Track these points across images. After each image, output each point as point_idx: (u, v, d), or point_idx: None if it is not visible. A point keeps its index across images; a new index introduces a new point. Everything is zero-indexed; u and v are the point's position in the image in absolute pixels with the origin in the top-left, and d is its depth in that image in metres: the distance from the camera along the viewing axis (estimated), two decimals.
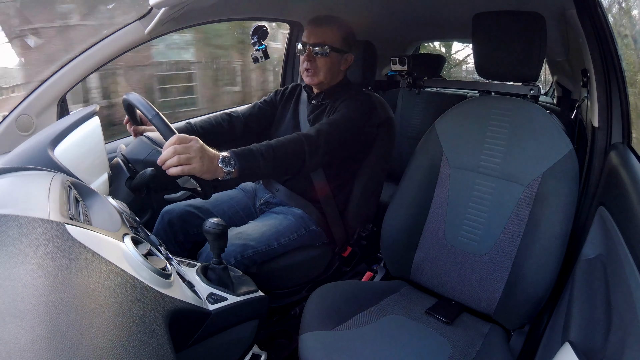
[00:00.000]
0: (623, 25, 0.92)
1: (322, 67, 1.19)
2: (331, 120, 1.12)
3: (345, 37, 1.21)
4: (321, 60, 1.19)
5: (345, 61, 1.24)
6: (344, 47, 1.21)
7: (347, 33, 1.22)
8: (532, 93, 1.04)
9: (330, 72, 1.21)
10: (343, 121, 1.13)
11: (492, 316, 1.01)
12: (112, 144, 1.33)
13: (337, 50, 1.19)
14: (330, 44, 1.17)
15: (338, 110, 1.18)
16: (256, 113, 1.37)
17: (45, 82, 1.11)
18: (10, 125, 1.07)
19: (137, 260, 0.54)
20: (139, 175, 0.90)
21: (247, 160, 0.91)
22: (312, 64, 1.19)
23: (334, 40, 1.18)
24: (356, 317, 0.97)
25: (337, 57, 1.21)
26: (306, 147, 1.01)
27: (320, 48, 1.17)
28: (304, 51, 1.20)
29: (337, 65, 1.22)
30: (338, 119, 1.13)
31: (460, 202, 1.06)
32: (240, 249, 1.08)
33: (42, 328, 0.33)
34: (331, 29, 1.18)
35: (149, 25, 1.16)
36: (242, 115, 1.34)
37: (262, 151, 0.94)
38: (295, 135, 1.04)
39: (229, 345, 0.77)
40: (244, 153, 0.91)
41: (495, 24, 1.00)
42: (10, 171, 0.68)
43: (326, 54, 1.17)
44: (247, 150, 0.93)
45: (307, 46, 1.18)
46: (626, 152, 0.83)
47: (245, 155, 0.91)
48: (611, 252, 0.65)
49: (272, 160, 0.95)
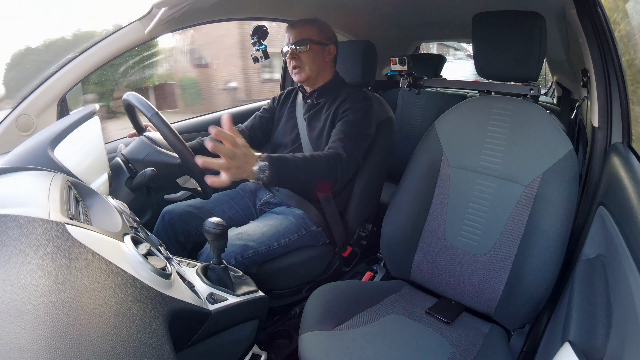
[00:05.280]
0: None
1: (306, 60, 1.24)
2: (348, 134, 1.13)
3: (322, 30, 1.27)
4: (304, 55, 1.24)
5: (328, 53, 1.28)
6: (323, 40, 1.26)
7: (323, 27, 1.28)
8: (532, 93, 1.04)
9: (315, 64, 1.25)
10: (357, 130, 1.16)
11: (492, 316, 1.01)
12: (112, 144, 1.33)
13: (317, 42, 1.24)
14: (309, 38, 1.23)
15: (343, 115, 1.19)
16: (258, 123, 1.41)
17: (45, 82, 1.11)
18: (10, 125, 1.07)
19: (137, 260, 0.54)
20: (139, 175, 0.91)
21: (281, 170, 0.90)
22: (297, 61, 1.24)
23: (312, 35, 1.24)
24: (356, 317, 0.97)
25: (319, 49, 1.25)
26: (339, 166, 1.05)
27: (301, 44, 1.23)
28: (288, 52, 1.25)
29: (320, 57, 1.26)
30: (353, 131, 1.15)
31: (460, 202, 1.06)
32: (241, 249, 1.08)
33: (42, 328, 0.33)
34: (308, 26, 1.25)
35: (149, 25, 1.16)
36: (246, 128, 1.40)
37: (297, 163, 0.95)
38: (329, 153, 1.06)
39: (229, 345, 0.77)
40: (280, 161, 0.90)
41: (495, 24, 1.00)
42: (10, 171, 0.68)
43: (307, 48, 1.23)
44: (283, 159, 0.92)
45: (289, 46, 1.24)
46: (626, 152, 0.83)
47: (280, 164, 0.90)
48: (611, 252, 0.65)
49: (305, 173, 0.96)
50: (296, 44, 1.23)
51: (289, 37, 1.26)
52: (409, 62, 1.39)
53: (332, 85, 1.29)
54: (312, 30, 1.24)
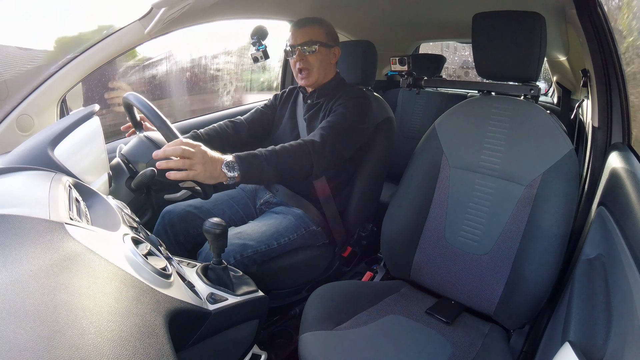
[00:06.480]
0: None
1: (315, 63, 1.22)
2: (331, 123, 1.12)
3: (328, 32, 1.25)
4: (312, 57, 1.22)
5: (334, 55, 1.27)
6: (330, 42, 1.25)
7: (329, 28, 1.27)
8: (532, 93, 1.04)
9: (323, 67, 1.24)
10: (343, 121, 1.13)
11: (492, 316, 1.01)
12: (112, 144, 1.33)
13: (324, 45, 1.23)
14: (317, 40, 1.21)
15: (334, 110, 1.18)
16: (259, 118, 1.40)
17: (45, 82, 1.10)
18: (10, 125, 1.07)
19: (137, 260, 0.54)
20: (139, 175, 0.90)
21: (251, 164, 0.91)
22: (304, 63, 1.22)
23: (319, 36, 1.22)
24: (356, 317, 0.97)
25: (327, 52, 1.24)
26: (312, 153, 1.02)
27: (310, 46, 1.20)
28: (293, 53, 1.23)
29: (327, 59, 1.25)
30: (338, 120, 1.13)
31: (460, 202, 1.06)
32: (240, 248, 1.08)
33: (42, 328, 0.33)
34: (314, 27, 1.23)
35: (149, 25, 1.16)
36: (246, 121, 1.38)
37: (266, 156, 0.94)
38: (301, 141, 1.04)
39: (229, 345, 0.77)
40: (247, 157, 0.91)
41: (495, 24, 1.00)
42: (11, 171, 0.67)
43: (316, 50, 1.21)
44: (251, 155, 0.93)
45: (295, 47, 1.21)
46: (626, 152, 0.83)
47: (249, 160, 0.91)
48: (611, 252, 0.65)
49: (276, 165, 0.95)
50: (304, 45, 1.21)
51: (294, 37, 1.22)
52: (409, 62, 1.39)
53: (332, 85, 1.29)
54: (320, 31, 1.23)
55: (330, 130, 1.09)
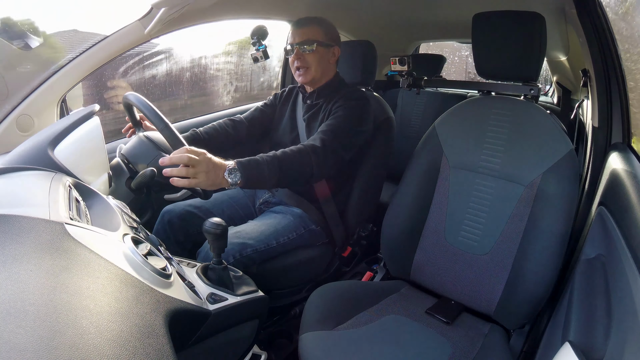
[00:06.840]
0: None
1: (312, 62, 1.23)
2: (332, 127, 1.12)
3: (327, 31, 1.26)
4: (310, 56, 1.22)
5: (333, 54, 1.27)
6: (329, 41, 1.25)
7: (329, 28, 1.27)
8: (532, 93, 1.04)
9: (320, 66, 1.24)
10: (343, 124, 1.14)
11: (492, 316, 1.01)
12: (112, 144, 1.33)
13: (323, 44, 1.23)
14: (315, 39, 1.22)
15: (334, 112, 1.18)
16: (259, 116, 1.40)
17: (45, 82, 1.10)
18: (10, 125, 1.07)
19: (137, 260, 0.54)
20: (139, 175, 0.90)
21: (252, 171, 0.92)
22: (302, 62, 1.23)
23: (318, 36, 1.23)
24: (356, 317, 0.97)
25: (325, 51, 1.24)
26: (313, 158, 1.03)
27: (308, 45, 1.21)
28: (292, 51, 1.24)
29: (325, 59, 1.25)
30: (338, 124, 1.13)
31: (460, 202, 1.06)
32: (239, 247, 1.08)
33: (42, 328, 0.33)
34: (314, 26, 1.24)
35: (149, 25, 1.16)
36: (245, 119, 1.38)
37: (268, 161, 0.95)
38: (301, 146, 1.05)
39: (229, 345, 0.77)
40: (250, 164, 0.92)
41: (495, 24, 1.00)
42: (11, 171, 0.67)
43: (314, 49, 1.22)
44: (253, 161, 0.94)
45: (294, 46, 1.23)
46: (626, 152, 0.83)
47: (251, 166, 0.92)
48: (611, 252, 0.65)
49: (277, 171, 0.96)
50: (302, 44, 1.22)
51: (293, 36, 1.24)
52: (409, 62, 1.40)
53: (331, 85, 1.29)
54: (319, 31, 1.23)
55: (331, 134, 1.10)
